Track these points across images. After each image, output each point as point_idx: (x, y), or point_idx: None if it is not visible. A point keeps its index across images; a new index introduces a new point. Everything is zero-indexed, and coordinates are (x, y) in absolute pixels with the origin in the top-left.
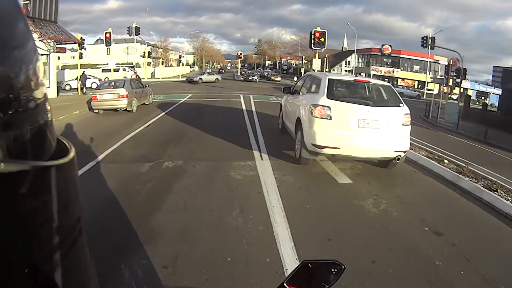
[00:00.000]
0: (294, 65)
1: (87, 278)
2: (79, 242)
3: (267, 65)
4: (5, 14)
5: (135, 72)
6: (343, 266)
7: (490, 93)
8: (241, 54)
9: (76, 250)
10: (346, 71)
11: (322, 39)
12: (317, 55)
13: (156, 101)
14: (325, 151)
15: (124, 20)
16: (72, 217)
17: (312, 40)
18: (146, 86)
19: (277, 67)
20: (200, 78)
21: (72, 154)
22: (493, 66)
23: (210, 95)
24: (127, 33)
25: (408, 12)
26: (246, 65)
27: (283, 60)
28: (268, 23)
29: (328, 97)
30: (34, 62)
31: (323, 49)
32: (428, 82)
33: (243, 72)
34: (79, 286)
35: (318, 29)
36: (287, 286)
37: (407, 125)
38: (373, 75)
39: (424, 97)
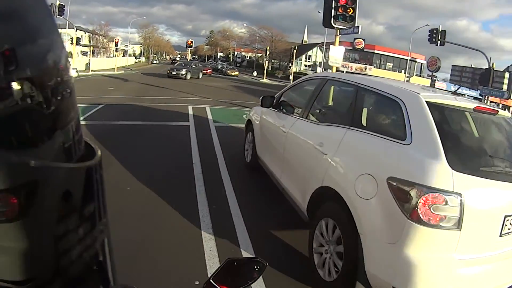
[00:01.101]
0: (248, 58)
1: (105, 283)
2: (104, 246)
3: (218, 57)
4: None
5: None
6: (265, 264)
7: (465, 95)
8: (191, 42)
9: (100, 253)
10: (306, 66)
11: (350, 11)
12: (337, 39)
13: None
14: None
15: (75, 9)
16: (98, 220)
17: (333, 13)
18: None
19: (230, 60)
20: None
21: (98, 156)
22: (452, 65)
23: (136, 108)
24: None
25: (360, 8)
26: (196, 57)
27: (236, 52)
28: (220, 15)
29: (451, 164)
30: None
31: (351, 28)
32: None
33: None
34: (102, 281)
35: None
36: (213, 283)
37: None
38: (346, 72)
39: None
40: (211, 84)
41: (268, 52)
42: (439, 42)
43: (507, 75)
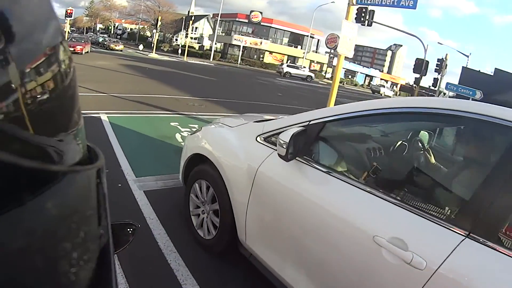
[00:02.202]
0: (129, 30)
1: (107, 284)
2: (104, 249)
3: (98, 29)
4: None
5: None
6: (138, 225)
7: (357, 72)
8: (71, 11)
9: (101, 256)
10: (192, 38)
11: None
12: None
13: None
14: None
15: None
16: (98, 223)
17: None
18: None
19: (111, 32)
20: None
21: (101, 160)
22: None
23: None
24: None
25: None
26: (75, 29)
27: (117, 23)
28: None
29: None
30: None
31: None
32: (299, 58)
33: None
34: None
35: None
36: None
37: None
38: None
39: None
40: (97, 64)
41: (159, 23)
42: (367, 22)
43: (389, 53)
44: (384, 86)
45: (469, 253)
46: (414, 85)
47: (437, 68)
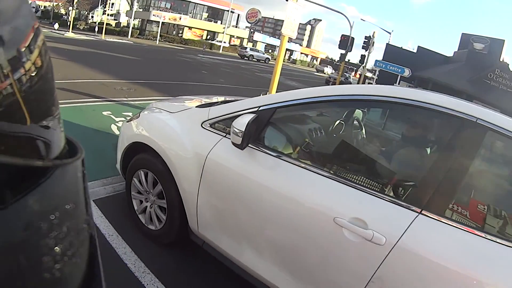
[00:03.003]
0: (42, 8)
1: (94, 277)
2: (88, 243)
3: None
4: None
5: None
6: None
7: (277, 46)
8: None
9: (84, 250)
10: (108, 15)
11: None
12: None
13: None
14: None
15: None
16: (81, 217)
17: None
18: None
19: None
20: None
21: (81, 154)
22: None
23: None
24: None
25: None
26: None
27: (30, 1)
28: None
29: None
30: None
31: None
32: (219, 33)
33: None
34: (85, 285)
35: None
36: None
37: None
38: (162, 23)
39: (221, 50)
40: None
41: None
42: None
43: (308, 27)
44: (327, 67)
45: (423, 228)
46: (336, 60)
47: (365, 45)
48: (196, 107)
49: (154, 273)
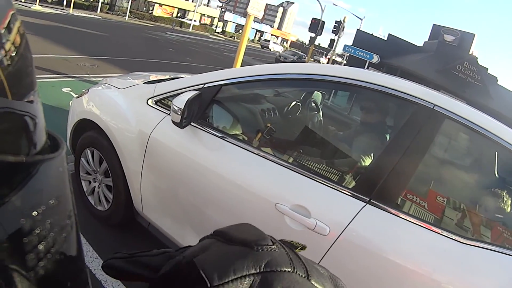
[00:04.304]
0: None
1: (78, 273)
2: (71, 238)
3: None
4: None
5: None
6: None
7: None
8: None
9: (68, 246)
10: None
11: None
12: None
13: None
14: None
15: None
16: (64, 213)
17: None
18: None
19: None
20: None
21: (62, 148)
22: None
23: None
24: None
25: None
26: None
27: None
28: None
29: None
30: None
31: None
32: (190, 11)
33: None
34: (70, 281)
35: None
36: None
37: None
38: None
39: (191, 29)
40: None
41: None
42: None
43: (280, 9)
44: (270, 41)
45: (370, 218)
46: (306, 43)
47: (335, 30)
48: (143, 83)
49: (103, 257)
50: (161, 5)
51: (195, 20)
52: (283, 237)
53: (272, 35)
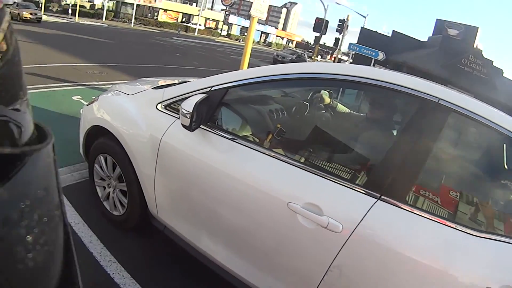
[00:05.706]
0: None
1: (68, 264)
2: (59, 229)
3: None
4: None
5: None
6: None
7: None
8: None
9: (56, 236)
10: None
11: None
12: None
13: None
14: None
15: None
16: (52, 204)
17: None
18: None
19: None
20: None
21: (50, 139)
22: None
23: None
24: None
25: None
26: None
27: None
28: None
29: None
30: None
31: None
32: (195, 16)
33: None
34: (60, 272)
35: None
36: None
37: None
38: (137, 6)
39: (196, 33)
40: None
41: None
42: None
43: (284, 10)
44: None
45: (382, 214)
46: (311, 43)
47: (339, 28)
48: (152, 88)
49: (120, 262)
50: (165, 10)
51: (200, 24)
52: (297, 235)
53: (277, 36)
